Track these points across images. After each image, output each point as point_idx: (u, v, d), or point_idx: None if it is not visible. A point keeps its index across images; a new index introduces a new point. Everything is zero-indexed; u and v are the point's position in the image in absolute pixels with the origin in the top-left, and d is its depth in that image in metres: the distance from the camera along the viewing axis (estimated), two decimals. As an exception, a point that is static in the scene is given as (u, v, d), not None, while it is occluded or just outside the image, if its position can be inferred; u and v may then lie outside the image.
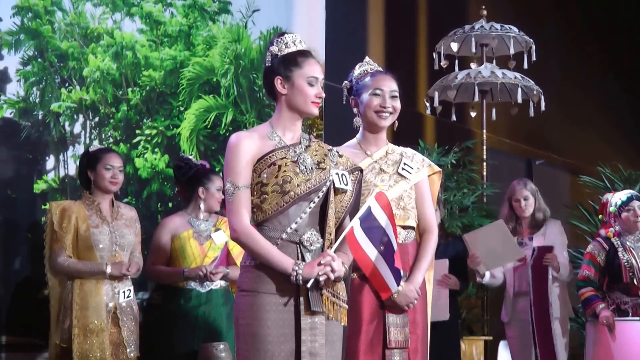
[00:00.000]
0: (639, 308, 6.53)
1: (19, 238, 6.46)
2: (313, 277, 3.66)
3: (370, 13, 9.63)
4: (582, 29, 12.72)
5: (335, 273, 3.68)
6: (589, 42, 12.84)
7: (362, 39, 9.46)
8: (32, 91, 6.64)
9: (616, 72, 13.41)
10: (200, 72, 7.66)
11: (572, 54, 12.40)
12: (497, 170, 9.29)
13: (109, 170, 5.59)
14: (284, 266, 3.67)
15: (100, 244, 5.54)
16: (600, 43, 13.07)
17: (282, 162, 3.78)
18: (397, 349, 4.42)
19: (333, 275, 3.67)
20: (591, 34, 12.94)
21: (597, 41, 13.03)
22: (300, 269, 3.66)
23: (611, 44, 13.37)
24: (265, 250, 3.70)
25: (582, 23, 12.73)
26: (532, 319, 6.88)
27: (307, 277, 3.66)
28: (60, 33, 6.81)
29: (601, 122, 13.00)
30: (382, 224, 3.83)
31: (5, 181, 6.46)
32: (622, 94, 13.52)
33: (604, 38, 13.16)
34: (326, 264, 3.66)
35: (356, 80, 4.58)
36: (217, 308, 5.90)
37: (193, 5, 7.68)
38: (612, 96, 13.27)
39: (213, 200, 6.00)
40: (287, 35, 3.93)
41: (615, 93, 13.34)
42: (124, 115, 7.17)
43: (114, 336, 5.52)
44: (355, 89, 4.55)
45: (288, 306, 3.70)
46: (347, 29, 9.03)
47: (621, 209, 6.69)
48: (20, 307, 6.31)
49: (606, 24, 13.23)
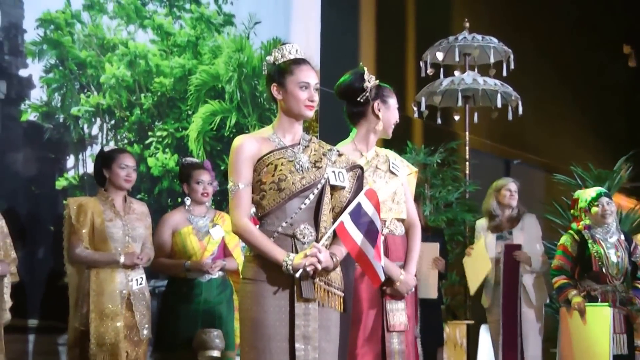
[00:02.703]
0: (608, 294, 6.54)
1: (41, 231, 6.45)
2: (301, 268, 3.63)
3: (363, 25, 9.65)
4: (557, 40, 12.76)
5: (322, 264, 3.65)
6: (563, 53, 12.89)
7: (354, 49, 9.47)
8: (53, 96, 6.66)
9: (587, 80, 13.48)
10: (206, 79, 7.66)
11: (547, 63, 12.42)
12: (478, 169, 9.29)
13: (124, 169, 5.59)
14: (276, 257, 3.66)
15: (114, 236, 5.55)
16: (573, 53, 13.13)
17: (279, 161, 3.75)
18: (395, 332, 4.45)
19: (320, 266, 3.65)
20: (565, 45, 12.99)
21: (570, 51, 13.10)
22: (290, 260, 3.64)
23: (583, 54, 13.45)
24: (261, 243, 3.69)
25: (556, 35, 12.76)
26: (502, 309, 6.90)
27: (296, 268, 3.63)
28: (80, 43, 6.82)
29: (574, 125, 13.07)
30: (373, 218, 3.79)
31: (29, 178, 6.47)
32: (593, 100, 13.58)
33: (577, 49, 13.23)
34: (312, 255, 3.64)
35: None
36: (216, 295, 5.89)
37: (200, 18, 7.69)
38: (584, 102, 13.34)
39: (196, 194, 5.96)
40: (286, 45, 3.91)
41: (586, 99, 13.40)
42: (137, 119, 7.17)
43: (128, 320, 5.52)
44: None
45: (284, 294, 3.69)
46: (341, 39, 9.03)
47: (591, 204, 6.71)
48: (43, 293, 6.33)
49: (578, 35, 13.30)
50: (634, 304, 6.66)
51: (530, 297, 6.91)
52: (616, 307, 6.50)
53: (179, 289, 5.88)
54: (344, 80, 4.58)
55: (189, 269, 5.81)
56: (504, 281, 6.92)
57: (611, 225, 6.71)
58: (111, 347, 5.35)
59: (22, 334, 6.08)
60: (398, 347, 4.48)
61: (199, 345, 5.63)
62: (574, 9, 13.42)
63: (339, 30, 9.01)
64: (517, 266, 6.92)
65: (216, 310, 5.84)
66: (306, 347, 3.66)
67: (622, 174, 8.68)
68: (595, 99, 13.76)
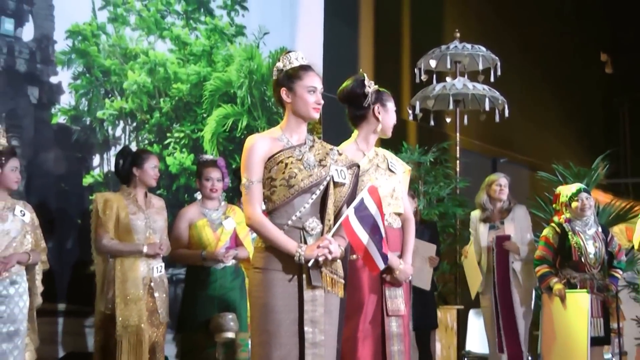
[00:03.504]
0: (586, 282, 6.52)
1: (69, 223, 6.46)
2: (313, 258, 3.65)
3: (362, 35, 9.64)
4: (540, 49, 12.75)
5: (332, 254, 3.68)
6: (546, 60, 12.88)
7: (354, 57, 9.46)
8: (81, 101, 6.66)
9: (568, 86, 13.47)
10: (220, 85, 7.65)
11: (532, 70, 12.41)
12: (468, 167, 9.29)
13: (153, 169, 5.63)
14: (288, 248, 3.67)
15: (137, 228, 5.56)
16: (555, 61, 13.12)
17: (289, 160, 3.76)
18: (394, 316, 4.46)
19: (330, 256, 3.67)
20: (547, 53, 12.98)
21: (553, 59, 13.08)
22: (302, 250, 3.66)
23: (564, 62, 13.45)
24: (274, 235, 3.70)
25: (540, 44, 12.75)
26: (496, 294, 6.89)
27: (308, 258, 3.65)
28: (104, 52, 6.82)
29: (556, 127, 13.05)
30: (372, 212, 3.80)
31: (58, 176, 6.47)
32: (574, 103, 13.59)
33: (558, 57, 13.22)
34: (324, 246, 3.66)
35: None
36: (230, 282, 5.89)
37: (214, 29, 7.69)
38: (565, 105, 13.32)
39: (205, 190, 5.97)
40: (292, 53, 3.92)
41: (567, 102, 13.40)
42: (157, 121, 7.17)
43: (149, 304, 5.53)
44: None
45: (293, 281, 3.70)
46: (342, 48, 9.02)
47: (571, 199, 6.69)
48: (71, 280, 6.33)
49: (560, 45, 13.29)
50: (610, 291, 6.65)
51: (520, 282, 6.87)
52: (593, 293, 6.48)
53: (196, 277, 5.87)
54: (346, 86, 4.58)
55: (205, 258, 5.80)
56: (497, 271, 6.90)
57: (589, 218, 6.69)
58: (135, 328, 5.36)
59: (52, 317, 6.08)
60: (396, 330, 4.49)
61: (215, 328, 5.64)
62: (556, 21, 13.44)
63: (340, 40, 9.00)
64: (507, 255, 6.91)
65: (230, 296, 5.84)
66: (314, 330, 3.67)
67: (599, 172, 8.66)
68: (576, 103, 13.76)
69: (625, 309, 7.32)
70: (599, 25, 15.06)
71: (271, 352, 3.63)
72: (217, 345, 5.70)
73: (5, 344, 4.89)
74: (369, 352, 4.41)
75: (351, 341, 4.38)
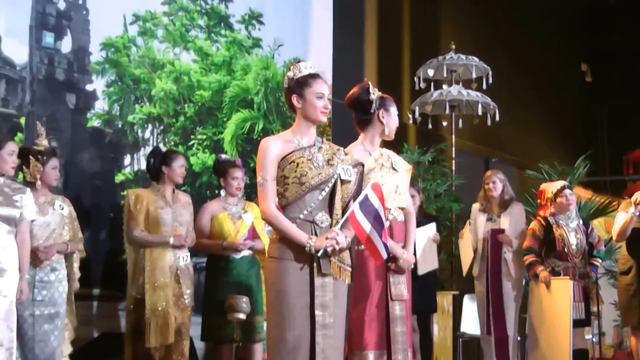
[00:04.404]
0: (568, 270, 6.51)
1: (103, 217, 6.47)
2: (322, 248, 3.64)
3: (367, 47, 9.62)
4: (528, 59, 12.72)
5: (340, 245, 3.67)
6: (533, 70, 12.84)
7: (360, 66, 9.43)
8: (113, 106, 6.65)
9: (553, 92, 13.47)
10: (238, 91, 7.64)
11: (520, 78, 12.37)
12: (462, 166, 9.24)
13: (182, 167, 5.64)
14: (300, 240, 3.66)
15: (165, 221, 5.57)
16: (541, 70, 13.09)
17: (300, 160, 3.74)
18: (397, 300, 4.46)
19: (338, 247, 3.67)
20: (534, 63, 12.95)
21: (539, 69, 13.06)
22: (313, 241, 3.65)
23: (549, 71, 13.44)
24: (287, 228, 3.69)
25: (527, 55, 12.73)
26: (488, 282, 6.88)
27: (318, 248, 3.65)
28: (135, 63, 6.81)
29: (541, 130, 13.03)
30: (376, 207, 3.79)
31: (93, 174, 6.47)
32: (558, 109, 13.57)
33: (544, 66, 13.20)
34: (332, 238, 3.65)
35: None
36: (247, 270, 5.89)
37: (233, 41, 7.68)
38: (550, 110, 13.29)
39: (231, 188, 5.97)
40: (301, 62, 3.90)
41: (552, 108, 13.37)
42: (181, 125, 7.16)
43: (176, 290, 5.54)
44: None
45: (304, 269, 3.69)
46: (349, 59, 9.00)
47: (556, 195, 6.67)
48: (105, 267, 6.34)
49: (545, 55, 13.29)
50: (590, 278, 6.65)
51: (510, 271, 6.85)
52: (575, 280, 6.46)
53: (217, 265, 5.88)
54: (353, 93, 4.58)
55: (225, 247, 5.80)
56: (490, 261, 6.88)
57: (572, 213, 6.68)
58: (162, 312, 5.36)
59: (88, 301, 6.09)
60: (399, 313, 4.48)
61: (229, 308, 5.63)
62: (542, 34, 13.42)
63: (347, 52, 8.98)
64: (500, 246, 6.88)
65: (247, 282, 5.83)
66: (324, 313, 3.67)
67: (580, 170, 8.62)
68: (560, 108, 13.72)
69: (604, 294, 7.30)
70: (580, 38, 15.10)
71: (285, 332, 3.63)
72: (235, 325, 5.69)
73: (47, 325, 4.92)
74: (375, 333, 4.42)
75: (359, 323, 4.39)
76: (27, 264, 4.76)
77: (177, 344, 5.47)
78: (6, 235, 4.62)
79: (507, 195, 7.01)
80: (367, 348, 4.40)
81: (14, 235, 4.67)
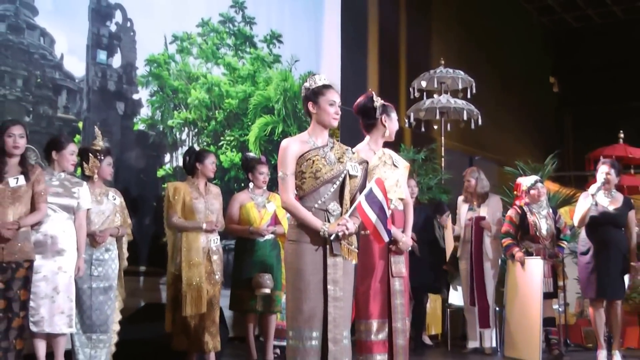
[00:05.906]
0: (540, 251, 6.49)
1: (147, 206, 6.48)
2: (334, 233, 3.62)
3: (369, 62, 9.65)
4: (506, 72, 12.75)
5: (349, 230, 3.65)
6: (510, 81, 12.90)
7: (364, 77, 9.46)
8: (156, 113, 6.66)
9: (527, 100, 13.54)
10: (261, 100, 7.64)
11: (499, 88, 12.38)
12: (450, 163, 9.24)
13: (213, 164, 5.59)
14: (315, 225, 3.64)
15: (199, 209, 5.52)
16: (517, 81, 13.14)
17: (315, 158, 3.72)
18: (397, 277, 4.43)
19: (347, 232, 3.64)
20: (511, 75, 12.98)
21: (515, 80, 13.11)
22: (326, 227, 3.63)
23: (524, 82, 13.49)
24: (304, 215, 3.67)
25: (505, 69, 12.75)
26: (471, 261, 6.86)
27: (330, 233, 3.62)
28: (173, 76, 6.81)
29: (518, 132, 13.08)
30: (380, 199, 3.77)
31: (139, 169, 6.49)
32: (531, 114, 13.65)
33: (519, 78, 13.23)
34: (343, 224, 3.64)
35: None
36: (270, 251, 5.88)
37: (257, 58, 7.67)
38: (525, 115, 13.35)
39: (258, 182, 5.95)
40: (316, 75, 3.88)
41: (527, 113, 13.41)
42: (213, 128, 7.16)
43: (207, 268, 5.48)
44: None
45: (319, 251, 3.66)
46: (355, 72, 9.02)
47: (530, 188, 6.66)
48: (149, 248, 6.35)
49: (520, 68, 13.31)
50: (558, 257, 6.65)
51: (488, 253, 6.86)
52: (545, 259, 6.45)
53: (244, 246, 5.87)
54: (359, 102, 4.56)
55: (252, 232, 5.79)
56: (473, 243, 6.87)
57: (543, 202, 6.66)
58: (196, 286, 5.33)
59: (135, 276, 6.11)
60: (399, 288, 4.46)
61: (256, 284, 5.64)
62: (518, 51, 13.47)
63: (354, 66, 9.01)
64: (482, 231, 6.88)
65: (269, 261, 5.83)
66: (335, 288, 3.64)
67: (549, 167, 8.57)
68: (533, 113, 13.82)
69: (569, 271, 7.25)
70: (549, 55, 15.17)
71: (302, 304, 3.61)
72: (257, 298, 5.71)
73: (102, 296, 4.95)
74: (378, 305, 4.40)
75: (365, 296, 4.37)
76: (84, 245, 4.81)
77: (209, 312, 5.44)
78: (66, 221, 4.70)
79: (483, 189, 7.03)
80: (372, 317, 4.38)
81: (72, 222, 4.74)
